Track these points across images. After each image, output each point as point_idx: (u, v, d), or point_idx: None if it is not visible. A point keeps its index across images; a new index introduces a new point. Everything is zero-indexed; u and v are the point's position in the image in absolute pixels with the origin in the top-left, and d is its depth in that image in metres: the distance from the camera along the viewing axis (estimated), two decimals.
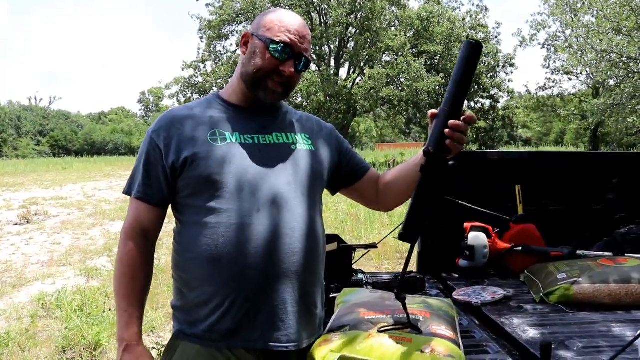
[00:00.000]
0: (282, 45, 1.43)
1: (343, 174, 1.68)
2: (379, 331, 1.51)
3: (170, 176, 1.44)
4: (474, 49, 1.34)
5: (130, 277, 1.47)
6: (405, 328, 1.53)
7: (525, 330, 1.95)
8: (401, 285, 1.50)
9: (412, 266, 3.36)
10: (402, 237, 1.40)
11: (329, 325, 1.75)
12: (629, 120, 23.07)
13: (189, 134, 1.44)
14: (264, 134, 1.50)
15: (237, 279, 1.39)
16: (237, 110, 1.52)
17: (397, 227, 1.52)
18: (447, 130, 1.33)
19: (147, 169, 1.46)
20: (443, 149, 1.35)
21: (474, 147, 27.16)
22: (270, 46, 1.43)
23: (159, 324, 4.62)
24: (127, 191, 1.51)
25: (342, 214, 10.06)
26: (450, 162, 1.41)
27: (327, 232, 1.72)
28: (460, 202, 2.69)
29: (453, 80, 1.36)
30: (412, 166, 1.56)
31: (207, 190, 1.41)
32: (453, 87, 1.36)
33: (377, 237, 7.97)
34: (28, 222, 10.42)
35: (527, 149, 47.52)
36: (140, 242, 1.48)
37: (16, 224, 10.26)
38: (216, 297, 1.40)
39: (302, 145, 1.55)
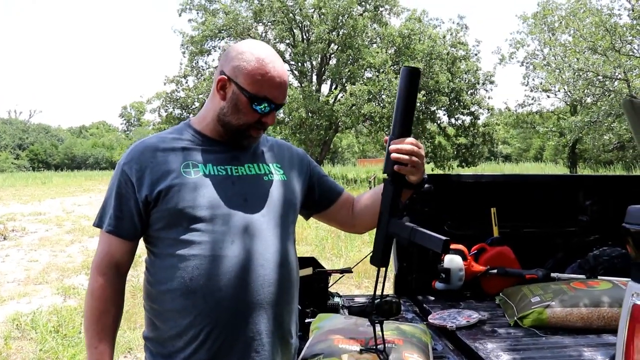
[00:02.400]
0: (266, 102, 1.42)
1: (315, 200, 1.68)
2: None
3: (142, 209, 1.43)
4: (412, 75, 1.38)
5: (102, 312, 1.45)
6: (376, 352, 1.55)
7: (499, 355, 1.97)
8: (373, 311, 1.52)
9: (389, 289, 3.37)
10: (372, 261, 1.45)
11: (303, 352, 1.76)
12: (605, 137, 23.44)
13: (162, 165, 1.43)
14: (236, 165, 1.49)
15: (212, 311, 1.38)
16: (209, 141, 1.51)
17: None
18: (392, 155, 1.38)
19: (119, 202, 1.44)
20: (394, 175, 1.40)
21: (455, 164, 27.34)
22: (254, 105, 1.42)
23: (136, 345, 4.57)
24: (98, 224, 1.49)
25: (322, 231, 10.06)
26: (427, 186, 1.44)
27: (307, 249, 1.73)
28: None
29: (396, 107, 1.40)
30: (377, 193, 1.57)
31: (181, 223, 1.40)
32: (396, 114, 1.39)
33: (358, 255, 7.98)
34: (5, 239, 10.26)
35: (508, 165, 48.03)
36: (112, 276, 1.46)
37: None
38: (191, 330, 1.39)
39: (274, 175, 1.54)
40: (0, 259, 8.49)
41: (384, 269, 1.46)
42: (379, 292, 1.51)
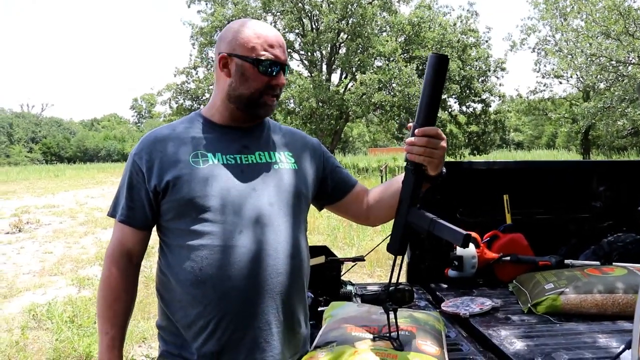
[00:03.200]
0: (270, 61, 1.43)
1: (328, 191, 1.67)
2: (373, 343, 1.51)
3: (153, 199, 1.44)
4: (440, 62, 1.32)
5: (113, 300, 1.47)
6: (389, 340, 1.54)
7: (512, 342, 1.96)
8: (388, 299, 1.52)
9: (402, 277, 3.37)
10: (390, 249, 1.44)
11: (316, 340, 1.76)
12: (619, 123, 23.21)
13: (171, 156, 1.44)
14: (247, 154, 1.49)
15: (221, 301, 1.39)
16: (219, 129, 1.51)
17: (387, 237, 1.53)
18: (405, 147, 1.36)
19: (130, 192, 1.46)
20: (413, 163, 1.37)
21: (467, 152, 27.21)
22: (260, 66, 1.43)
23: (150, 335, 4.61)
24: (112, 213, 1.51)
25: (334, 221, 10.06)
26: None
27: (319, 239, 1.73)
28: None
29: (422, 94, 1.35)
30: (397, 181, 1.56)
31: (191, 213, 1.40)
32: (421, 102, 1.34)
33: (370, 244, 7.98)
34: (20, 231, 10.37)
35: (519, 152, 47.72)
36: (125, 264, 1.48)
37: (7, 233, 10.21)
38: (200, 319, 1.40)
39: (285, 164, 1.54)
40: (16, 251, 8.59)
41: (400, 257, 1.45)
42: (394, 280, 1.50)
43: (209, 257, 1.38)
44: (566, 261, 2.76)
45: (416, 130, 1.33)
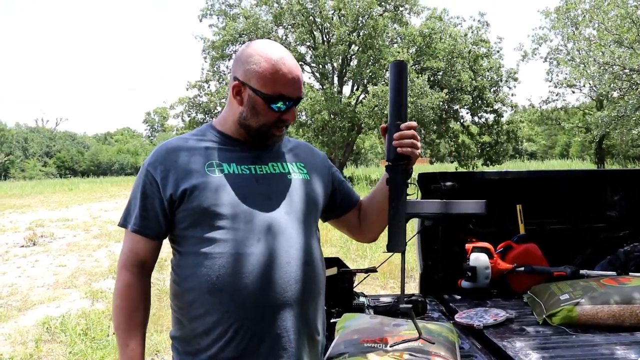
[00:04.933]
0: (282, 100, 1.44)
1: (336, 204, 1.71)
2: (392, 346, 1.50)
3: (167, 209, 1.45)
4: (399, 68, 1.50)
5: (131, 310, 1.48)
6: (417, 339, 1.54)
7: (527, 354, 1.94)
8: (402, 300, 1.54)
9: (415, 288, 3.35)
10: (390, 247, 1.49)
11: (328, 352, 1.75)
12: (633, 132, 22.98)
13: (186, 165, 1.45)
14: (260, 164, 1.51)
15: (239, 308, 1.39)
16: (232, 141, 1.53)
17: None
18: (394, 142, 1.47)
19: (144, 201, 1.46)
20: (398, 157, 1.47)
21: (479, 162, 27.06)
22: (272, 105, 1.43)
23: (163, 347, 4.61)
24: (123, 224, 1.51)
25: None
26: (449, 184, 1.49)
27: (331, 251, 1.74)
28: None
29: (390, 98, 1.52)
30: (378, 189, 1.64)
31: (206, 221, 1.41)
32: (391, 104, 1.51)
33: (382, 256, 7.94)
34: (34, 244, 10.44)
35: (533, 162, 47.41)
36: (138, 274, 1.49)
37: (22, 246, 10.28)
38: (218, 327, 1.40)
39: (297, 174, 1.56)
40: (30, 264, 8.64)
41: (404, 253, 1.50)
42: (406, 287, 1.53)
43: (226, 264, 1.39)
44: (581, 271, 2.72)
45: (402, 125, 1.47)
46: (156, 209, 1.45)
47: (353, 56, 25.25)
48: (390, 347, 1.62)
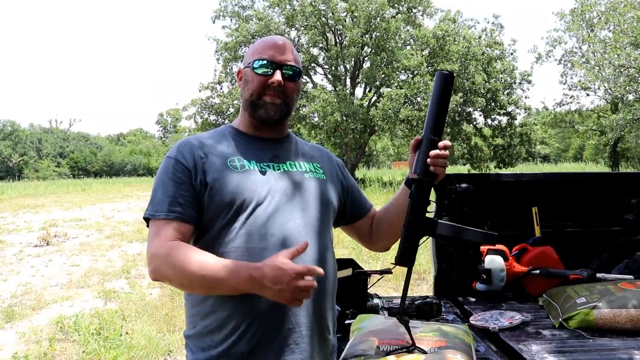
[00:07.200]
0: (263, 61, 1.50)
1: (349, 210, 1.72)
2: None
3: (197, 196, 1.43)
4: (446, 80, 1.47)
5: (192, 255, 1.35)
6: (411, 352, 1.55)
7: (544, 357, 1.92)
8: (403, 310, 1.57)
9: (429, 290, 3.33)
10: (399, 261, 1.50)
11: (344, 353, 1.74)
12: None
13: (208, 159, 1.47)
14: (278, 162, 1.54)
15: (252, 303, 1.39)
16: (249, 138, 1.56)
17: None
18: (429, 160, 1.45)
19: (177, 188, 1.42)
20: (428, 174, 1.46)
21: (492, 165, 26.91)
22: (254, 66, 1.51)
23: (175, 347, 4.62)
24: (151, 214, 1.43)
25: None
26: (465, 185, 1.49)
27: (344, 253, 1.74)
28: None
29: (430, 109, 1.49)
30: (396, 203, 1.62)
31: (223, 217, 1.42)
32: (431, 116, 1.48)
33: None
34: (47, 244, 10.52)
35: (546, 165, 47.10)
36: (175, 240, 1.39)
37: (36, 246, 10.36)
38: (231, 322, 1.40)
39: (314, 174, 1.59)
40: (44, 264, 8.70)
41: (411, 269, 1.53)
42: (407, 293, 1.58)
43: (240, 259, 1.39)
44: (598, 275, 2.69)
45: (440, 144, 1.45)
46: (191, 194, 1.43)
47: (365, 58, 25.21)
48: (399, 347, 1.62)
